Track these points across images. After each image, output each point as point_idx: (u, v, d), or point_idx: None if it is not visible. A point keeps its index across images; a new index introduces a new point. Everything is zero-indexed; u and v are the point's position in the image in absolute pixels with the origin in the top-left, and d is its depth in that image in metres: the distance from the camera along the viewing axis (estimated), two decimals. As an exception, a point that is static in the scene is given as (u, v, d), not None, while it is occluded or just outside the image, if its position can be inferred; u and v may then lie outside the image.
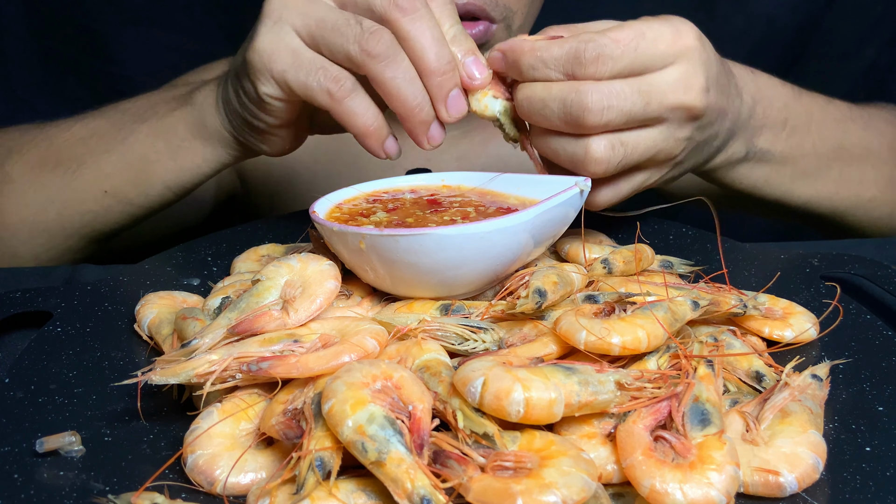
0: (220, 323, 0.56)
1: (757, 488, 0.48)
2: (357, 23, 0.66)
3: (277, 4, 0.69)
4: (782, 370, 0.56)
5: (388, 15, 0.66)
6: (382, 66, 0.65)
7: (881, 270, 0.73)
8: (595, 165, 0.65)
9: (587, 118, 0.63)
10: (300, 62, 0.68)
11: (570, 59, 0.64)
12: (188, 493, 0.48)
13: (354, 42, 0.65)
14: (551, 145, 0.68)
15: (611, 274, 0.67)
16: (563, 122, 0.65)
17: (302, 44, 0.69)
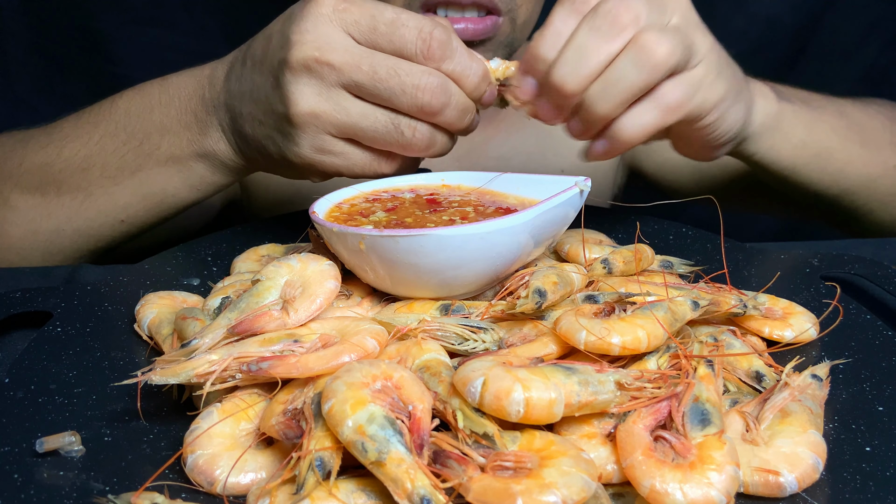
0: (220, 323, 0.56)
1: (757, 488, 0.48)
2: (395, 128, 0.70)
3: (306, 114, 0.70)
4: (782, 370, 0.56)
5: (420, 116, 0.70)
6: (423, 153, 0.73)
7: (881, 270, 0.73)
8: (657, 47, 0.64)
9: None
10: (352, 161, 0.73)
11: None
12: (188, 493, 0.48)
13: (399, 147, 0.71)
14: None
15: (611, 274, 0.67)
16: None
17: (348, 144, 0.72)
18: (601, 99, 0.66)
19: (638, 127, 0.68)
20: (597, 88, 0.66)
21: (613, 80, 0.65)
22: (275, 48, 0.72)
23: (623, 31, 0.64)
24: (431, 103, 0.68)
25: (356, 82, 0.68)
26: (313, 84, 0.69)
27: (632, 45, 0.65)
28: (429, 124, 0.71)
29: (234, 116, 0.78)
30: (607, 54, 0.65)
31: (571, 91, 0.66)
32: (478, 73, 0.71)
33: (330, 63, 0.68)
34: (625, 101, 0.66)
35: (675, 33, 0.66)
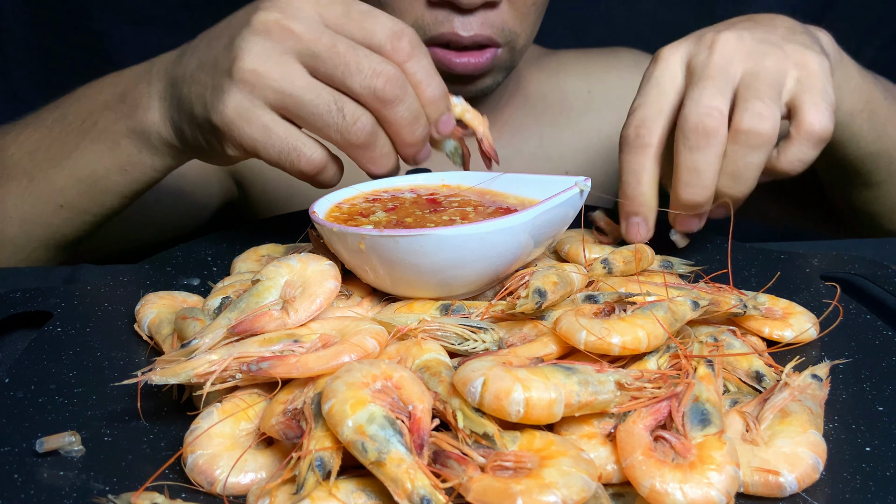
0: (220, 323, 0.56)
1: (757, 488, 0.48)
2: (339, 110, 0.67)
3: (248, 71, 0.67)
4: (782, 370, 0.56)
5: (369, 103, 0.68)
6: (361, 151, 0.69)
7: (881, 270, 0.73)
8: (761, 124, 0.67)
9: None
10: (273, 138, 0.68)
11: None
12: (188, 493, 0.48)
13: (336, 132, 0.68)
14: None
15: (611, 274, 0.67)
16: None
17: (275, 118, 0.69)
18: (736, 188, 0.70)
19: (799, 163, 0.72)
20: (727, 183, 0.70)
21: (739, 170, 0.69)
22: (239, 17, 0.71)
23: (717, 133, 0.68)
24: (385, 90, 0.66)
25: (313, 52, 0.66)
26: (267, 45, 0.67)
27: (736, 137, 0.68)
28: (373, 120, 0.68)
29: (175, 81, 0.76)
30: (716, 158, 0.68)
31: (703, 202, 0.71)
32: (439, 87, 0.71)
33: (291, 29, 0.67)
34: (755, 179, 0.70)
35: (758, 96, 0.68)
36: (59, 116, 0.88)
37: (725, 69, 0.69)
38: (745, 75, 0.69)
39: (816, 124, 0.70)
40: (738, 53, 0.70)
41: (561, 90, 1.19)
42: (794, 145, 0.70)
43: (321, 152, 0.70)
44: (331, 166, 0.71)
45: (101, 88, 0.86)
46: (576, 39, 1.38)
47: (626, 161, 0.72)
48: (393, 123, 0.69)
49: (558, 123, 1.17)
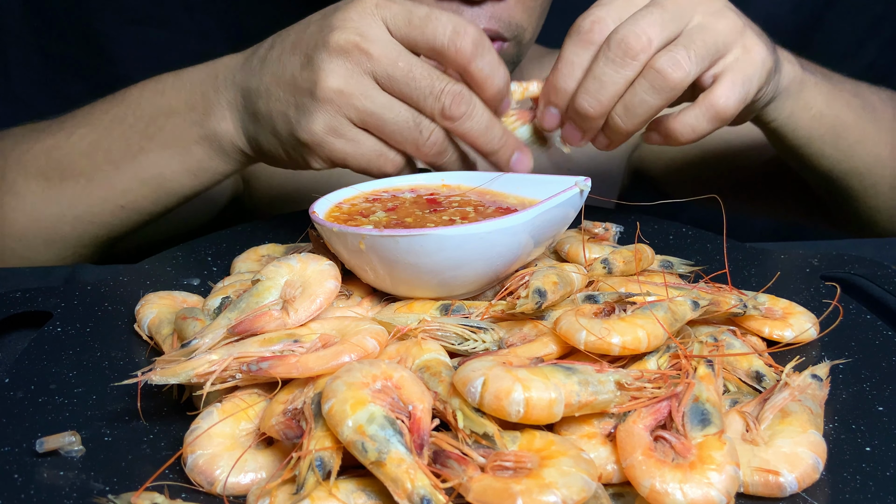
0: (220, 323, 0.56)
1: (757, 488, 0.48)
2: (416, 126, 0.72)
3: (332, 91, 0.71)
4: (782, 370, 0.56)
5: (442, 122, 0.72)
6: (436, 159, 0.74)
7: (881, 270, 0.73)
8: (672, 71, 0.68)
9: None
10: (361, 150, 0.73)
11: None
12: (188, 493, 0.48)
13: (413, 145, 0.73)
14: None
15: (611, 274, 0.67)
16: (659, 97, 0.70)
17: (361, 133, 0.73)
18: (625, 120, 0.71)
19: (690, 131, 0.73)
20: (619, 111, 0.71)
21: (634, 104, 0.70)
22: (313, 32, 0.73)
23: (636, 57, 0.68)
24: (451, 108, 0.71)
25: (389, 74, 0.70)
26: (347, 66, 0.70)
27: (647, 71, 0.69)
28: (445, 134, 0.73)
29: (248, 93, 0.78)
30: (625, 80, 0.69)
31: (594, 117, 0.72)
32: (503, 78, 0.73)
33: (369, 52, 0.70)
34: (647, 120, 0.72)
35: (690, 47, 0.69)
36: (116, 118, 0.88)
37: (683, 9, 0.70)
38: (695, 25, 0.70)
39: (721, 99, 0.71)
40: (704, 7, 0.71)
41: None
42: (692, 110, 0.72)
43: (402, 158, 0.75)
44: (407, 167, 0.76)
45: (161, 91, 0.87)
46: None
47: (569, 50, 0.72)
48: (465, 136, 0.73)
49: None
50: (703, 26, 0.70)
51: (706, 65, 0.70)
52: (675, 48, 0.69)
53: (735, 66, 0.72)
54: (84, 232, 0.90)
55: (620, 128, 0.72)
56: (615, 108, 0.71)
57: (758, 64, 0.72)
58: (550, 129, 0.76)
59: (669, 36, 0.69)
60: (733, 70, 0.71)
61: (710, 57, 0.70)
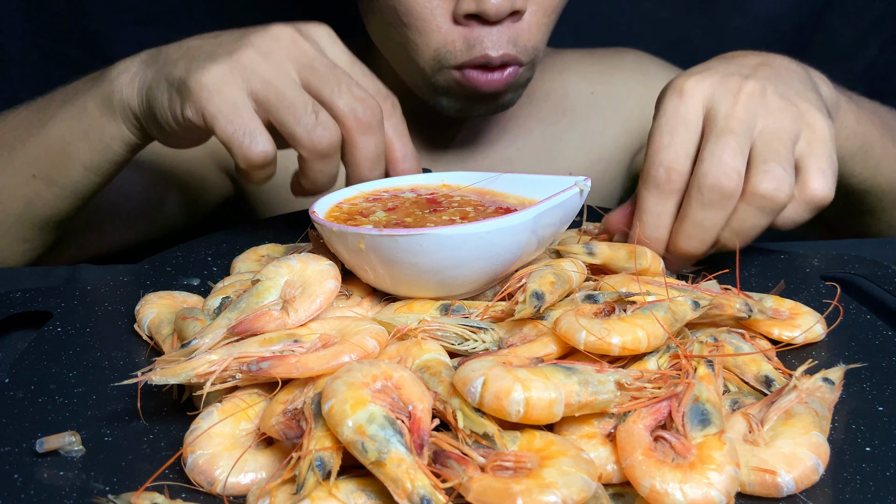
0: (220, 323, 0.56)
1: (754, 487, 0.48)
2: (314, 112, 0.70)
3: (249, 57, 0.71)
4: (790, 373, 0.56)
5: (346, 121, 0.71)
6: (317, 159, 0.72)
7: (881, 270, 0.73)
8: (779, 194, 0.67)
9: None
10: (235, 117, 0.70)
11: None
12: (188, 493, 0.48)
13: (305, 130, 0.70)
14: None
15: (592, 255, 0.67)
16: None
17: (246, 101, 0.71)
18: (733, 241, 0.70)
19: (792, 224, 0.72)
20: (726, 235, 0.70)
21: (745, 229, 0.69)
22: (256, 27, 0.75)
23: (733, 196, 0.67)
24: (365, 114, 0.71)
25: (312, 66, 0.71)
26: (274, 47, 0.72)
27: (751, 198, 0.68)
28: (340, 138, 0.72)
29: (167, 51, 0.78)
30: (726, 218, 0.68)
31: (700, 256, 0.71)
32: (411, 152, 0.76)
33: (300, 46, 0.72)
34: (758, 236, 0.71)
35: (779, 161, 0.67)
36: (51, 97, 0.90)
37: (748, 124, 0.69)
38: (763, 132, 0.69)
39: (819, 191, 0.69)
40: (761, 108, 0.69)
41: (564, 91, 1.19)
42: (792, 207, 0.70)
43: (272, 147, 0.72)
44: (273, 167, 0.73)
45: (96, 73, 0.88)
46: (576, 38, 1.38)
47: (651, 201, 0.70)
48: (358, 152, 0.72)
49: (561, 124, 1.17)
50: (772, 131, 0.69)
51: (794, 164, 0.69)
52: (767, 165, 0.67)
53: (811, 150, 0.70)
54: (7, 207, 0.90)
55: (730, 247, 0.71)
56: (722, 234, 0.70)
57: (828, 139, 0.71)
58: None
59: (746, 154, 0.68)
60: (814, 156, 0.70)
61: (792, 157, 0.69)
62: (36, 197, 0.89)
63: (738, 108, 0.69)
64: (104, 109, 0.82)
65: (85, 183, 0.88)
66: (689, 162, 0.69)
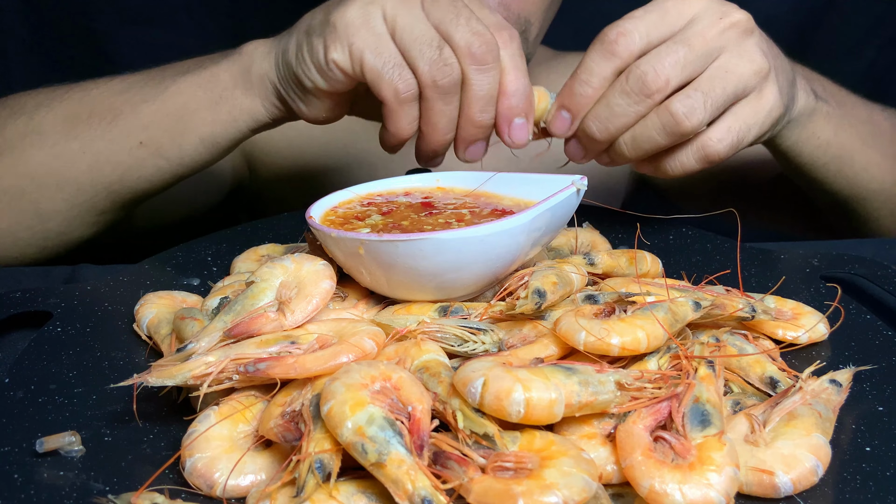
0: (216, 326, 0.56)
1: (751, 488, 0.48)
2: (438, 48, 0.69)
3: None
4: (795, 374, 0.56)
5: (461, 57, 0.69)
6: (439, 96, 0.70)
7: (881, 270, 0.73)
8: (686, 120, 0.69)
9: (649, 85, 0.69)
10: (381, 50, 0.70)
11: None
12: (188, 494, 0.48)
13: (428, 64, 0.69)
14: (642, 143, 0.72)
15: (593, 265, 0.67)
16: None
17: (388, 34, 0.70)
18: (629, 150, 0.72)
19: (679, 168, 0.73)
20: (626, 139, 0.72)
21: (642, 139, 0.71)
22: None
23: (651, 96, 0.69)
24: (480, 50, 0.68)
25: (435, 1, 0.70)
26: None
27: (661, 112, 0.69)
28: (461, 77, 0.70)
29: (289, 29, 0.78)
30: (636, 115, 0.70)
31: (600, 141, 0.72)
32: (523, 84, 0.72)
33: None
34: (650, 153, 0.72)
35: (709, 94, 0.69)
36: (164, 68, 0.89)
37: (710, 49, 0.69)
38: (720, 65, 0.70)
39: (712, 142, 0.71)
40: (735, 45, 0.70)
41: None
42: (685, 149, 0.72)
43: (415, 81, 0.70)
44: (416, 106, 0.72)
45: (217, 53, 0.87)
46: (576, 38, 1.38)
47: (591, 58, 0.71)
48: (471, 89, 0.70)
49: None
50: (727, 69, 0.70)
51: (720, 111, 0.70)
52: (694, 93, 0.69)
53: (740, 111, 0.71)
54: (98, 174, 0.88)
55: (624, 154, 0.73)
56: (623, 136, 0.71)
57: (762, 113, 0.72)
58: (560, 135, 0.75)
59: (690, 75, 0.69)
60: (735, 115, 0.71)
61: (726, 103, 0.70)
62: (136, 167, 0.87)
63: (712, 30, 0.70)
64: (240, 80, 0.81)
65: (193, 157, 0.86)
66: (643, 44, 0.70)
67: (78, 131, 0.87)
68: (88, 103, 0.88)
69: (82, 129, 0.87)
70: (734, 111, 0.71)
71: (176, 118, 0.84)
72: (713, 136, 0.71)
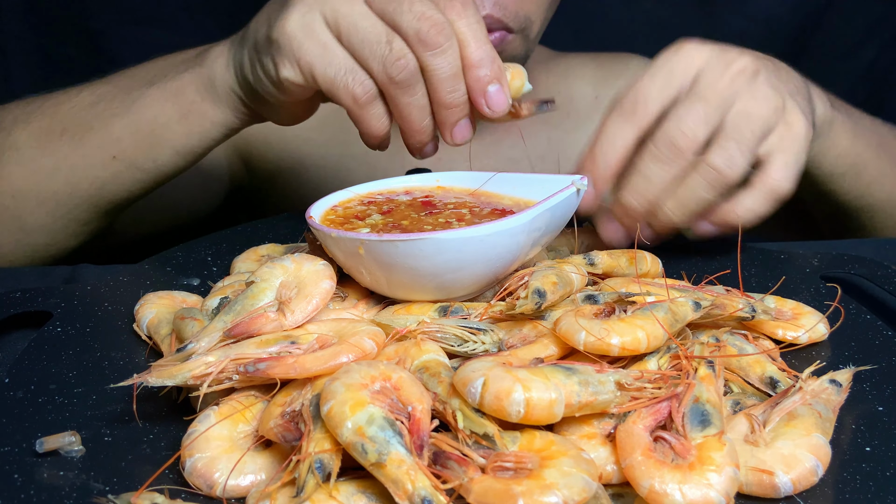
0: (216, 326, 0.56)
1: (751, 488, 0.48)
2: (387, 42, 0.67)
3: None
4: (796, 374, 0.56)
5: (413, 45, 0.67)
6: (400, 91, 0.68)
7: (881, 270, 0.73)
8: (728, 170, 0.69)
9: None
10: (330, 58, 0.68)
11: None
12: (188, 494, 0.48)
13: (380, 63, 0.67)
14: None
15: (593, 265, 0.67)
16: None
17: (333, 39, 0.69)
18: (676, 214, 0.71)
19: (752, 215, 0.73)
20: (671, 206, 0.71)
21: (688, 200, 0.71)
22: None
23: (685, 156, 0.69)
24: (429, 33, 0.66)
25: None
26: None
27: (701, 168, 0.70)
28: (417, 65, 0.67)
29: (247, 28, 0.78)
30: (672, 178, 0.70)
31: (640, 212, 0.72)
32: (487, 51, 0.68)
33: None
34: (698, 212, 0.72)
35: (741, 141, 0.69)
36: (128, 76, 0.89)
37: (726, 99, 0.70)
38: (739, 111, 0.70)
39: (779, 181, 0.71)
40: (747, 89, 0.71)
41: (568, 94, 1.19)
42: (751, 195, 0.72)
43: (371, 82, 0.69)
44: (380, 104, 0.70)
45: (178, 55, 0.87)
46: (576, 38, 1.38)
47: (610, 124, 0.71)
48: (432, 74, 0.67)
49: (564, 127, 1.17)
50: (747, 113, 0.70)
51: (755, 153, 0.71)
52: (727, 143, 0.69)
53: (782, 145, 0.71)
54: (76, 188, 0.88)
55: (671, 221, 0.72)
56: (667, 203, 0.71)
57: (802, 139, 0.72)
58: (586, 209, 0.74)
59: (714, 127, 0.70)
60: (782, 150, 0.71)
61: (757, 144, 0.70)
62: (113, 179, 0.87)
63: (723, 80, 0.70)
64: (206, 94, 0.82)
65: (170, 167, 0.87)
66: (658, 106, 0.70)
67: (52, 147, 0.88)
68: (60, 118, 0.88)
69: (56, 146, 0.88)
70: (778, 147, 0.72)
71: (147, 132, 0.85)
72: (776, 177, 0.71)
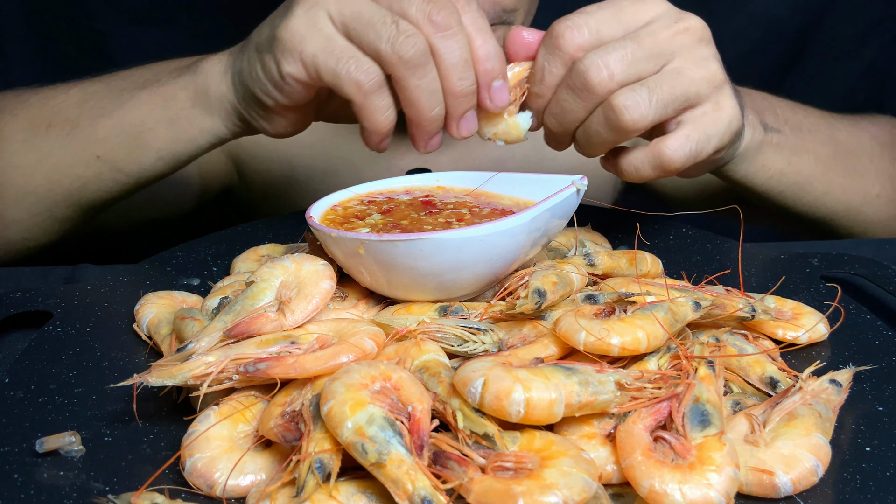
0: (216, 326, 0.56)
1: (751, 488, 0.48)
2: (393, 23, 0.66)
3: None
4: (796, 374, 0.56)
5: (422, 27, 0.66)
6: (410, 71, 0.66)
7: (881, 270, 0.73)
8: (626, 112, 0.66)
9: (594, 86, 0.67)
10: (332, 48, 0.67)
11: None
12: (188, 494, 0.48)
13: (387, 42, 0.65)
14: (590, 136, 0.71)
15: (593, 266, 0.67)
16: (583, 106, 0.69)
17: (336, 31, 0.68)
18: (584, 146, 0.72)
19: (634, 173, 0.72)
20: (580, 136, 0.71)
21: (590, 134, 0.70)
22: None
23: (594, 91, 0.67)
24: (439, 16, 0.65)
25: None
26: None
27: (605, 105, 0.68)
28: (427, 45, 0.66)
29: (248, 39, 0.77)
30: (583, 110, 0.69)
31: (559, 134, 0.72)
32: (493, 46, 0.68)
33: None
34: (603, 150, 0.72)
35: (655, 91, 0.67)
36: (121, 76, 0.88)
37: (663, 50, 0.68)
38: (673, 68, 0.68)
39: (668, 150, 0.69)
40: (690, 50, 0.69)
41: None
42: (639, 153, 0.70)
43: (377, 69, 0.67)
44: (385, 93, 0.68)
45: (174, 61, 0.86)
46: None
47: (540, 56, 0.69)
48: (442, 58, 0.66)
49: None
50: (679, 72, 0.68)
51: (669, 112, 0.68)
52: (640, 88, 0.67)
53: (699, 120, 0.70)
54: (57, 185, 0.88)
55: (584, 150, 0.72)
56: (577, 132, 0.71)
57: (722, 123, 0.70)
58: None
59: (639, 73, 0.67)
60: (694, 124, 0.69)
61: (675, 105, 0.68)
62: (94, 179, 0.87)
63: (665, 32, 0.68)
64: (198, 102, 0.81)
65: (151, 171, 0.86)
66: (591, 38, 0.68)
67: (37, 142, 0.87)
68: (47, 113, 0.88)
69: (40, 140, 0.87)
70: (693, 120, 0.69)
71: (133, 134, 0.84)
72: (670, 144, 0.69)
